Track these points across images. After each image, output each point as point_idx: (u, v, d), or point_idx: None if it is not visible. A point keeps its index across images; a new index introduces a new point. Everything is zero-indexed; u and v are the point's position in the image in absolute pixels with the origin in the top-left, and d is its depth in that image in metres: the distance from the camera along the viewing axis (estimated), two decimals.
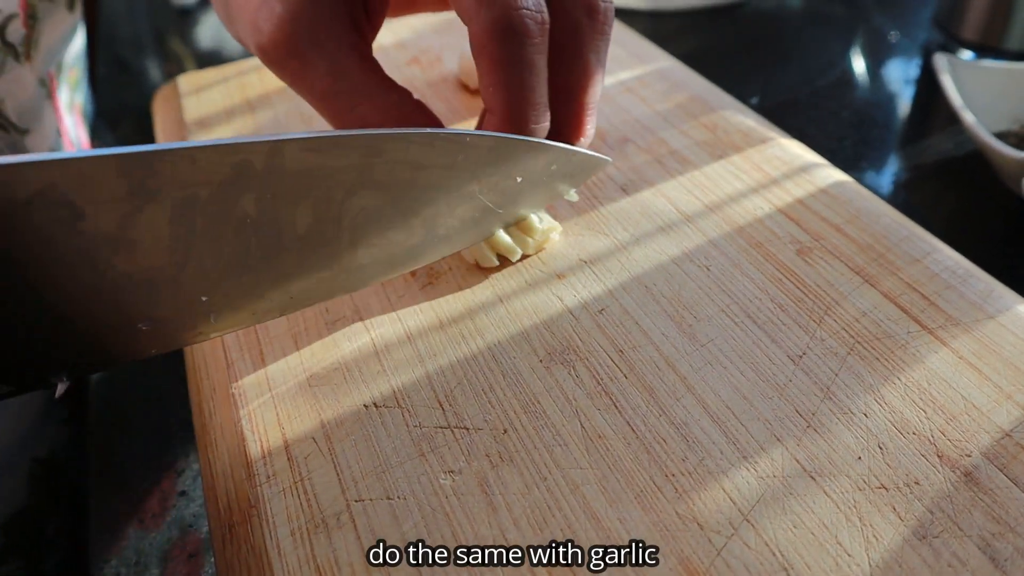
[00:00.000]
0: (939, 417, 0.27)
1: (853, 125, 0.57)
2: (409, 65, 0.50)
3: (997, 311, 0.31)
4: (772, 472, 0.26)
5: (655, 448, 0.27)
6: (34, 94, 0.49)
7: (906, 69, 0.64)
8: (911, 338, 0.30)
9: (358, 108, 0.31)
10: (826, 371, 0.29)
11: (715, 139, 0.42)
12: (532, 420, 0.28)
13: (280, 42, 0.30)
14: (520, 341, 0.31)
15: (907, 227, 0.35)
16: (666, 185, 0.39)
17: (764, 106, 0.59)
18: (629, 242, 0.35)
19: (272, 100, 0.49)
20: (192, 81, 0.52)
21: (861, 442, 0.26)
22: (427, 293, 0.33)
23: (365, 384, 0.30)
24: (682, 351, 0.30)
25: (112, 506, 0.38)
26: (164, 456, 0.40)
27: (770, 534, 0.24)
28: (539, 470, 0.26)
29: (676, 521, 0.24)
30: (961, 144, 0.54)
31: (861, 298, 0.32)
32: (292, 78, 0.31)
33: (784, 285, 0.32)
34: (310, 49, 0.30)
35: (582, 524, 0.25)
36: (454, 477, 0.26)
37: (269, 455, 0.28)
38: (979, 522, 0.24)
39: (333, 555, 0.24)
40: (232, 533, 0.26)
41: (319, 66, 0.30)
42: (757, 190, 0.38)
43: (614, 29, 0.54)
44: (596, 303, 0.32)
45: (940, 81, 0.50)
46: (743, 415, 0.27)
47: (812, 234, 0.35)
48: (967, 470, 0.25)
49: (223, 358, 0.32)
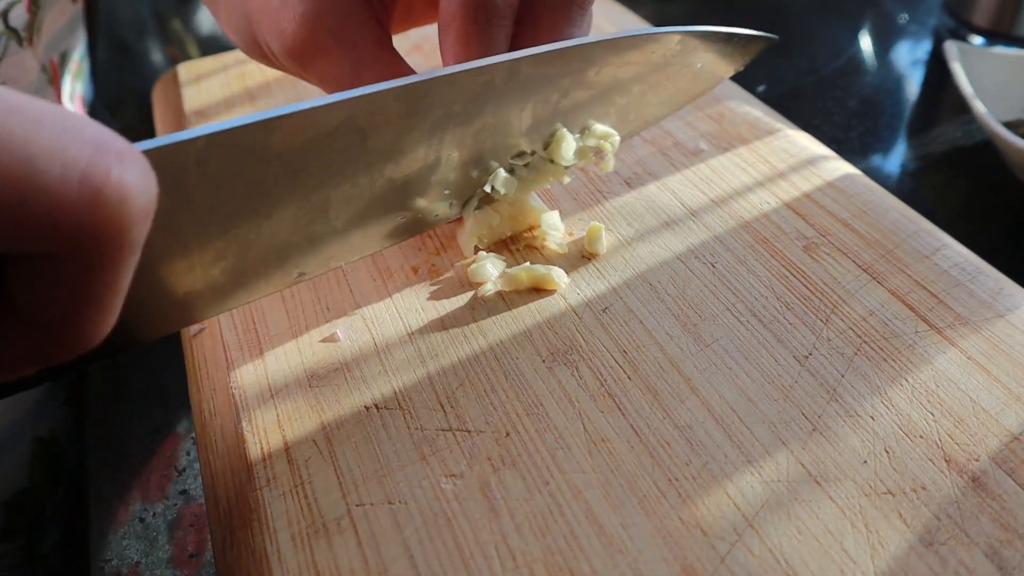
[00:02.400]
0: (947, 420, 0.27)
1: (861, 114, 0.56)
2: (411, 53, 0.50)
3: (1007, 309, 0.31)
4: (777, 476, 0.25)
5: (658, 451, 0.26)
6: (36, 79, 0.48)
7: (915, 56, 0.63)
8: (919, 338, 0.30)
9: None
10: (832, 372, 0.29)
11: (721, 130, 0.41)
12: (535, 422, 0.27)
13: (305, 39, 0.31)
14: (523, 340, 0.30)
15: (915, 222, 0.35)
16: (671, 179, 0.38)
17: (771, 95, 0.59)
18: (633, 238, 0.35)
19: (272, 89, 0.48)
20: (192, 70, 0.51)
21: (867, 446, 0.26)
22: (429, 291, 0.33)
23: (366, 385, 0.29)
24: (687, 351, 0.30)
25: (116, 481, 0.38)
26: (163, 434, 0.40)
27: (774, 540, 0.24)
28: (541, 474, 0.26)
29: (679, 527, 0.24)
30: (971, 133, 0.53)
31: (868, 296, 0.31)
32: (317, 74, 0.32)
33: (790, 283, 0.32)
34: (335, 44, 0.31)
35: (584, 530, 0.24)
36: (456, 481, 0.26)
37: (269, 458, 0.27)
38: (987, 529, 0.24)
39: (334, 561, 0.24)
40: (233, 537, 0.26)
41: (344, 61, 0.32)
42: (763, 184, 0.37)
43: (617, 17, 0.54)
44: (600, 301, 0.32)
45: (951, 69, 0.49)
46: (748, 418, 0.27)
47: (819, 229, 0.34)
48: (975, 475, 0.25)
49: (223, 357, 0.31)
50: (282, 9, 0.32)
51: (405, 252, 0.35)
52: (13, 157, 0.15)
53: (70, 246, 0.17)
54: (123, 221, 0.17)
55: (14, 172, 0.15)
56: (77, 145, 0.16)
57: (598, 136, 0.34)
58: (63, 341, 0.19)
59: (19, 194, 0.16)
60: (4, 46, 0.44)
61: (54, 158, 0.16)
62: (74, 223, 0.16)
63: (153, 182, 0.18)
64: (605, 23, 0.53)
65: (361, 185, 0.29)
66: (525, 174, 0.33)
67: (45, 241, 0.16)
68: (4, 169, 0.15)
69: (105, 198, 0.16)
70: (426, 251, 0.35)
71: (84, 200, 0.16)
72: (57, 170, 0.16)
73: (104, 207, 0.16)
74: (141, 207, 0.17)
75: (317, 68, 0.33)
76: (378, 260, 0.35)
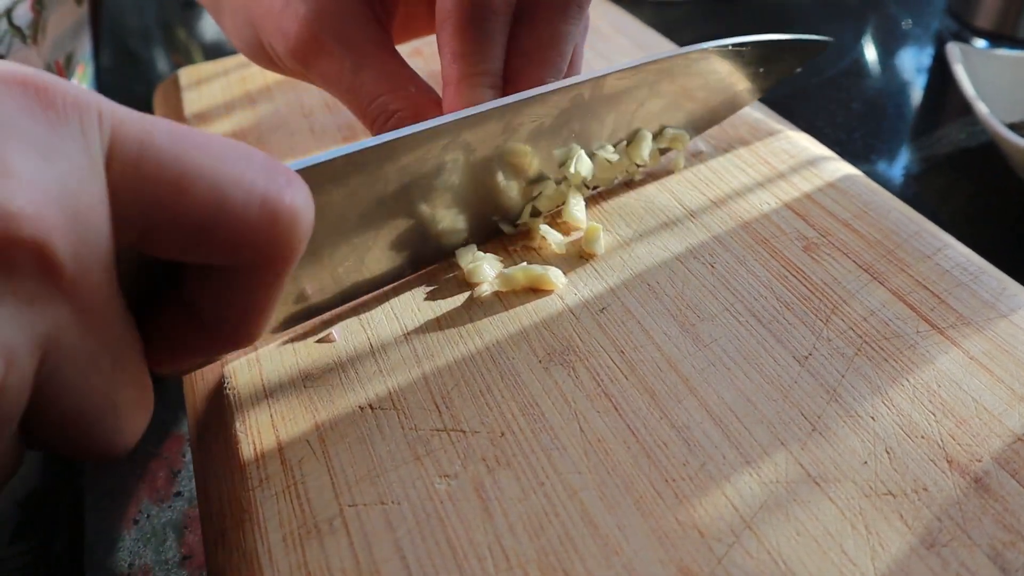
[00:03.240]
0: (949, 420, 0.26)
1: (863, 116, 0.56)
2: (412, 57, 0.50)
3: (1010, 309, 0.30)
4: (775, 477, 0.25)
5: (655, 452, 0.26)
6: None
7: (918, 58, 0.63)
8: (920, 338, 0.29)
9: (381, 98, 0.33)
10: (832, 372, 0.28)
11: (721, 131, 0.41)
12: (530, 423, 0.27)
13: (307, 40, 0.32)
14: (519, 341, 0.30)
15: (917, 222, 0.34)
16: (671, 180, 0.38)
17: (774, 97, 0.58)
18: (632, 238, 0.35)
19: (272, 93, 0.48)
20: (193, 74, 0.52)
21: (868, 446, 0.26)
22: (426, 291, 0.33)
23: (361, 385, 0.29)
24: (685, 351, 0.29)
25: (116, 483, 0.38)
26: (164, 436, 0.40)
27: (772, 542, 0.23)
28: (536, 475, 0.26)
29: (676, 528, 0.24)
30: (974, 135, 0.53)
31: (869, 296, 0.31)
32: (319, 74, 0.33)
33: (790, 283, 0.32)
34: (336, 45, 0.32)
35: (579, 531, 0.24)
36: (449, 482, 0.26)
37: (262, 458, 0.27)
38: (989, 530, 0.23)
39: (325, 562, 0.24)
40: (224, 538, 0.26)
41: (345, 62, 0.32)
42: (764, 184, 0.37)
43: (618, 19, 0.53)
44: (597, 302, 0.32)
45: (953, 71, 0.49)
46: (746, 418, 0.27)
47: (819, 230, 0.34)
48: (977, 476, 0.25)
49: None
50: (285, 11, 0.33)
51: None
52: (206, 187, 0.18)
53: (251, 260, 0.20)
54: (294, 237, 0.20)
55: (208, 200, 0.18)
56: (252, 172, 0.19)
57: (669, 138, 0.37)
58: (228, 339, 0.21)
59: (212, 217, 0.18)
60: (8, 44, 0.44)
61: (238, 186, 0.19)
62: (255, 240, 0.19)
63: (311, 201, 0.20)
64: (605, 26, 0.52)
65: (465, 192, 0.32)
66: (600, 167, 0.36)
67: (230, 255, 0.19)
68: (201, 197, 0.18)
69: (282, 218, 0.19)
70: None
71: (264, 221, 0.19)
72: (241, 196, 0.19)
73: (280, 226, 0.19)
74: (307, 224, 0.20)
75: (319, 68, 0.33)
76: None
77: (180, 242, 0.19)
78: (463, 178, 0.32)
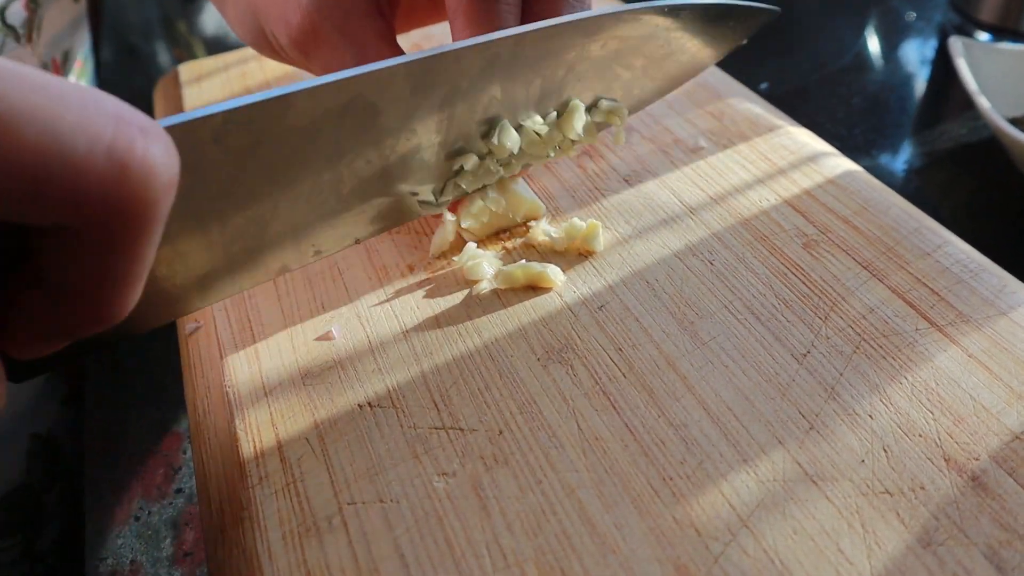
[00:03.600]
0: (946, 419, 0.26)
1: (865, 111, 0.56)
2: (412, 51, 0.49)
3: (1010, 307, 0.30)
4: (773, 476, 0.25)
5: (653, 450, 0.26)
6: None
7: (920, 53, 0.63)
8: (919, 335, 0.29)
9: None
10: (831, 370, 0.28)
11: (722, 127, 0.41)
12: (528, 421, 0.27)
13: (310, 30, 0.32)
14: (517, 339, 0.30)
15: (917, 219, 0.34)
16: (670, 176, 0.38)
17: (774, 93, 0.58)
18: (631, 235, 0.35)
19: (272, 87, 0.48)
20: (193, 70, 0.51)
21: (865, 445, 0.26)
22: (425, 289, 0.33)
23: (360, 383, 0.29)
24: (683, 349, 0.29)
25: (114, 479, 0.38)
26: (162, 433, 0.40)
27: (769, 540, 0.23)
28: (534, 473, 0.26)
29: (673, 527, 0.24)
30: (976, 130, 0.53)
31: (868, 293, 0.31)
32: (321, 64, 0.33)
33: (789, 280, 0.32)
34: (338, 36, 0.32)
35: (577, 529, 0.24)
36: (448, 480, 0.26)
37: (262, 456, 0.27)
38: (986, 529, 0.23)
39: (324, 560, 0.24)
40: (223, 536, 0.26)
41: (346, 51, 0.32)
42: (763, 181, 0.37)
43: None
44: (596, 299, 0.32)
45: (955, 65, 0.48)
46: (744, 416, 0.27)
47: (819, 226, 0.34)
48: (974, 474, 0.25)
49: (218, 355, 0.31)
50: (288, 1, 0.33)
51: (400, 250, 0.35)
52: (40, 132, 0.16)
53: (97, 218, 0.17)
54: (148, 194, 0.17)
55: (42, 146, 0.16)
56: (101, 119, 0.17)
57: (605, 111, 0.35)
58: (87, 314, 0.19)
59: (46, 167, 0.16)
60: (2, 43, 0.44)
61: (80, 132, 0.16)
62: (101, 196, 0.17)
63: (176, 157, 0.18)
64: None
65: (372, 161, 0.29)
66: (528, 140, 0.33)
67: (72, 213, 0.17)
68: (32, 143, 0.16)
69: (131, 172, 0.17)
70: (422, 249, 0.35)
71: (110, 173, 0.17)
72: (83, 144, 0.16)
73: (130, 180, 0.17)
74: (166, 181, 0.18)
75: (321, 58, 0.33)
76: (374, 258, 0.35)
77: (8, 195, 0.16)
78: (368, 147, 0.29)
